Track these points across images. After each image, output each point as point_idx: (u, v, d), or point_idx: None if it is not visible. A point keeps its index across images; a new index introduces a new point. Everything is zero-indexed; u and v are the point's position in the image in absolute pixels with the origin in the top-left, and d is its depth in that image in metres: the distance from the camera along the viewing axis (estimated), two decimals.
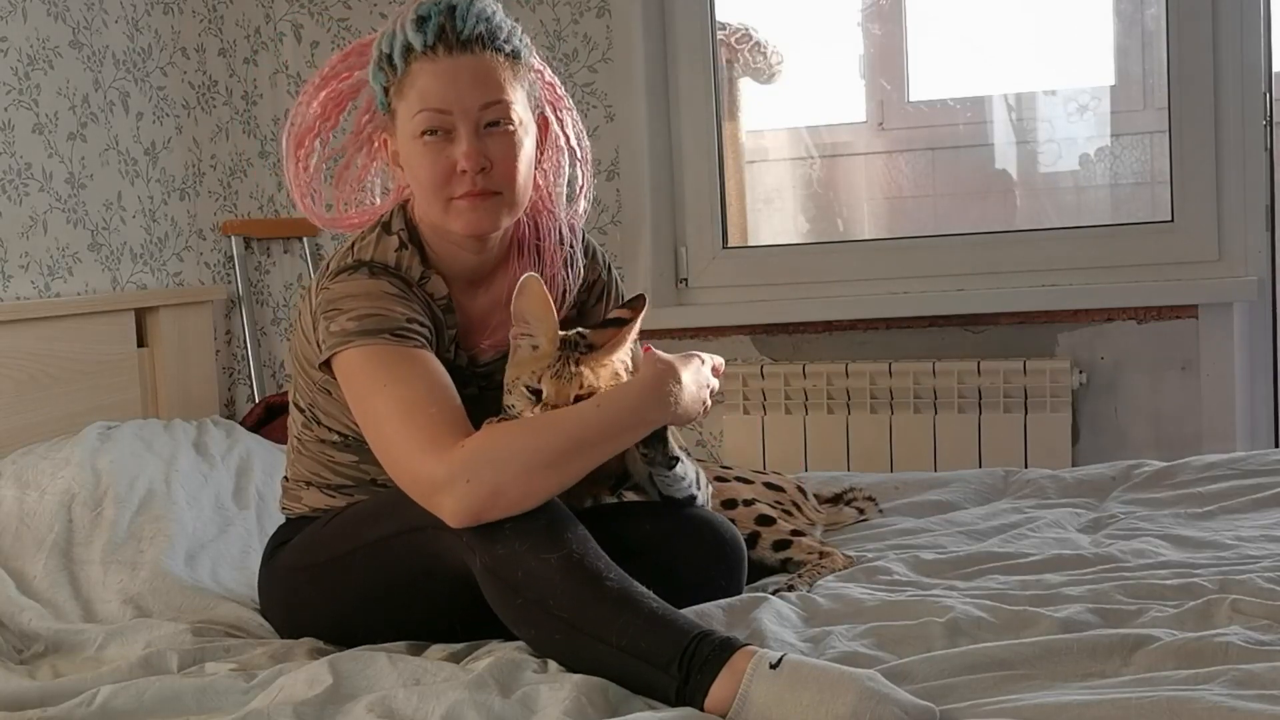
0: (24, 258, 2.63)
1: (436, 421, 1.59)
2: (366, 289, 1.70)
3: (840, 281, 3.00)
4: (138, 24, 2.96)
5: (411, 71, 1.70)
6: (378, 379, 1.63)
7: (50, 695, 1.57)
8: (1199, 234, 2.75)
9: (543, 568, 1.48)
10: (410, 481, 1.59)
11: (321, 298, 1.72)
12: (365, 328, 1.66)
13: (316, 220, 1.90)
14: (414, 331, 1.68)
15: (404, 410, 1.60)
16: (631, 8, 2.98)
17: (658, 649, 1.41)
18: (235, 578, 2.06)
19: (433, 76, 1.70)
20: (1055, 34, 3.11)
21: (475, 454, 1.55)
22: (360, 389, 1.65)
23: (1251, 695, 1.27)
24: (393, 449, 1.61)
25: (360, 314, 1.67)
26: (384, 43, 1.73)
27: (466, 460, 1.54)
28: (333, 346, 1.67)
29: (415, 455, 1.57)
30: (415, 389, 1.62)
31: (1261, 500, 2.10)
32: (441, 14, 1.69)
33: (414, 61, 1.70)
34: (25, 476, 2.19)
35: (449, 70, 1.69)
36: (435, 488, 1.55)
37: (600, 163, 3.01)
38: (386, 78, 1.74)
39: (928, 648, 1.51)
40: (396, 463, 1.61)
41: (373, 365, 1.64)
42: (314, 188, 1.88)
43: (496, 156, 1.71)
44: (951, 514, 2.23)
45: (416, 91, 1.70)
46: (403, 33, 1.70)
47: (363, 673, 1.50)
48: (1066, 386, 2.75)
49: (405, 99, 1.72)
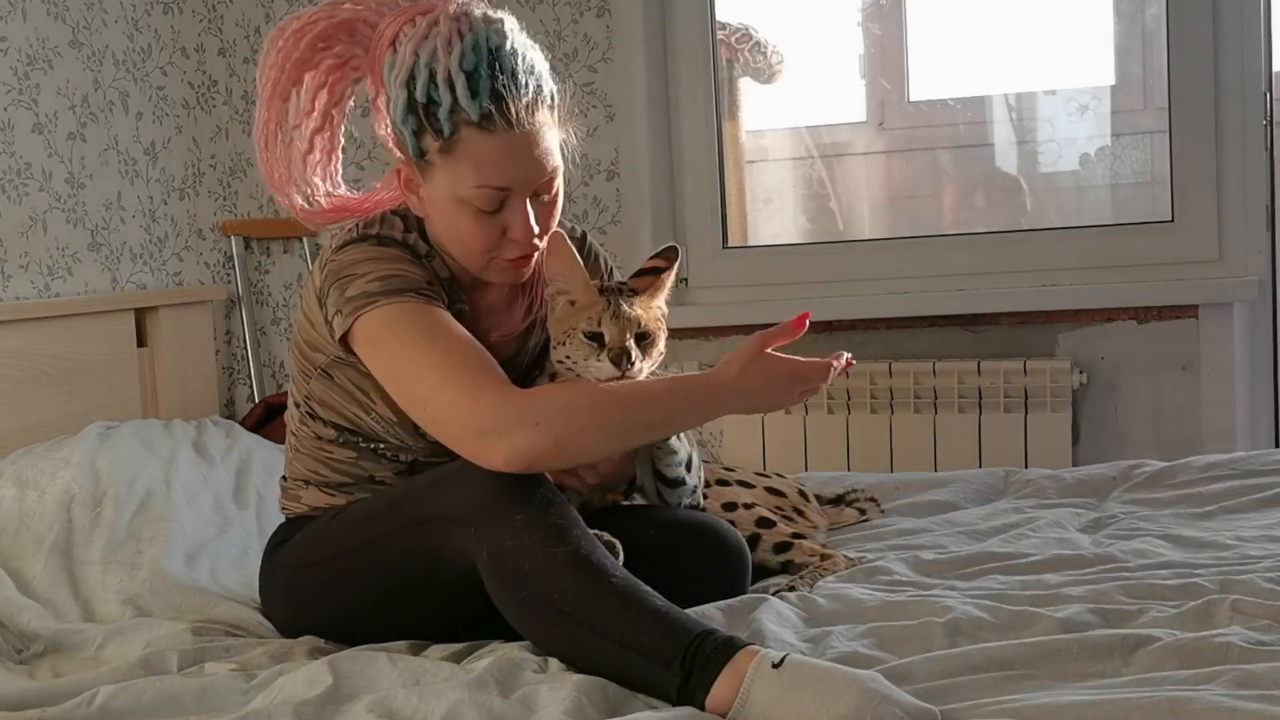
0: (24, 258, 2.63)
1: (487, 367, 1.59)
2: (380, 254, 1.67)
3: (840, 281, 3.00)
4: (137, 24, 2.96)
5: (463, 138, 1.59)
6: (413, 335, 1.60)
7: (50, 695, 1.57)
8: (1199, 234, 2.75)
9: (549, 561, 1.48)
10: (460, 426, 1.56)
11: (329, 269, 1.68)
12: (389, 287, 1.63)
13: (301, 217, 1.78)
14: (436, 293, 1.67)
15: (449, 362, 1.58)
16: (631, 8, 2.97)
17: (660, 646, 1.41)
18: (235, 578, 2.06)
19: (492, 150, 1.60)
20: (1055, 34, 3.11)
21: (547, 401, 1.56)
22: (392, 347, 1.62)
23: (1252, 695, 1.27)
24: (438, 399, 1.58)
25: (380, 275, 1.64)
26: (418, 89, 1.58)
27: (539, 405, 1.55)
28: (354, 310, 1.63)
29: (473, 401, 1.55)
30: (455, 341, 1.61)
31: (1262, 500, 2.10)
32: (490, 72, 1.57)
33: (463, 126, 1.59)
34: (25, 476, 2.19)
35: (508, 148, 1.60)
36: (494, 429, 1.53)
37: (600, 163, 3.02)
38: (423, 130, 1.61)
39: (928, 648, 1.51)
40: (443, 410, 1.58)
41: (406, 322, 1.61)
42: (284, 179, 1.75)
43: (544, 224, 1.69)
44: (952, 514, 2.23)
45: (472, 162, 1.60)
46: (449, 92, 1.57)
47: (363, 673, 1.50)
48: (1067, 386, 2.75)
49: (454, 164, 1.62)
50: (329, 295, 1.67)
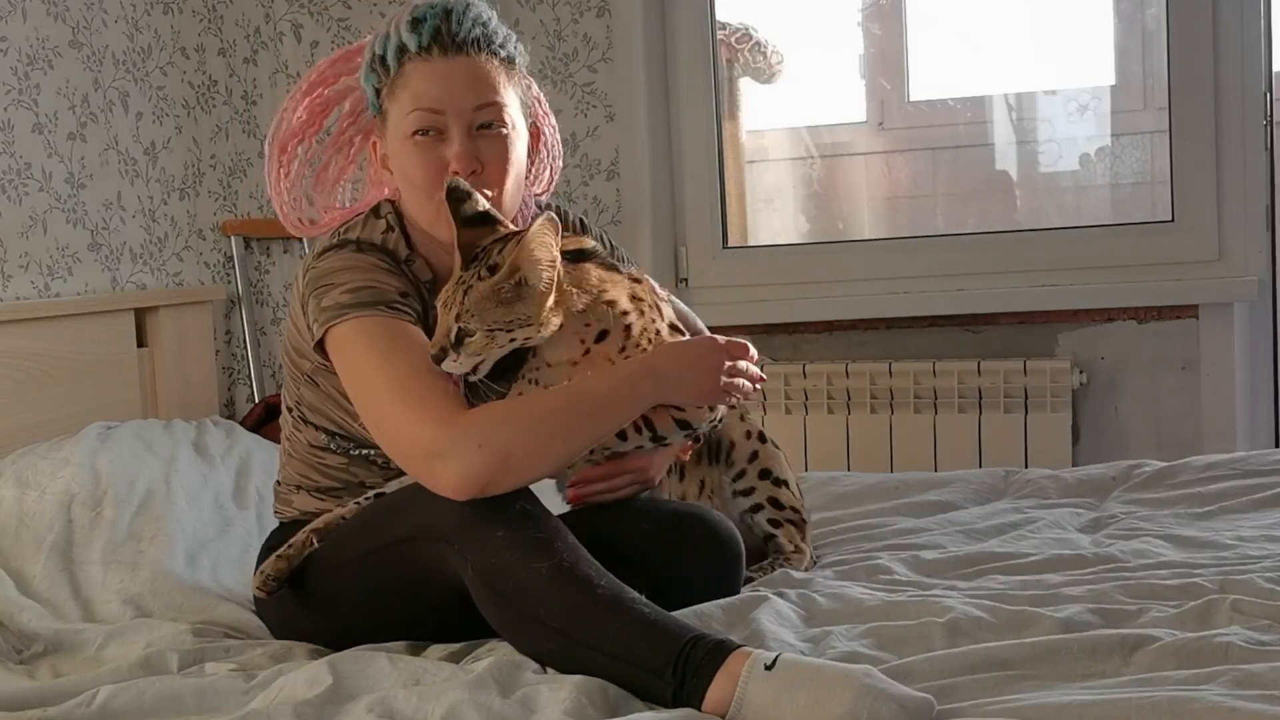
0: (24, 258, 2.63)
1: (437, 392, 1.57)
2: (357, 262, 1.69)
3: (840, 281, 3.00)
4: (137, 24, 2.96)
5: (405, 72, 1.70)
6: (374, 350, 1.61)
7: (50, 695, 1.57)
8: (1199, 234, 2.75)
9: (533, 577, 1.47)
10: (408, 449, 1.56)
11: (309, 276, 1.71)
12: (360, 300, 1.64)
13: (288, 224, 1.91)
14: (408, 306, 1.68)
15: (402, 381, 1.58)
16: (631, 8, 2.97)
17: (651, 655, 1.40)
18: (235, 578, 2.06)
19: (426, 77, 1.69)
20: (1055, 34, 3.11)
21: (486, 420, 1.54)
22: (356, 361, 1.63)
23: (1252, 695, 1.27)
24: (390, 418, 1.58)
25: (353, 287, 1.66)
26: (377, 45, 1.73)
27: (479, 426, 1.52)
28: (326, 321, 1.65)
29: (416, 423, 1.55)
30: (413, 360, 1.60)
31: (1262, 500, 2.10)
32: (437, 17, 1.69)
33: (407, 62, 1.70)
34: (25, 476, 2.19)
35: (443, 71, 1.69)
36: (438, 454, 1.52)
37: (600, 163, 3.02)
38: (379, 78, 1.74)
39: (928, 648, 1.51)
40: (394, 431, 1.58)
41: (369, 337, 1.62)
42: (293, 194, 1.89)
43: (488, 159, 1.70)
44: (951, 514, 2.23)
45: (409, 91, 1.70)
46: (396, 34, 1.71)
47: (363, 673, 1.50)
48: (1067, 386, 2.75)
49: (397, 99, 1.71)
50: (308, 303, 1.70)
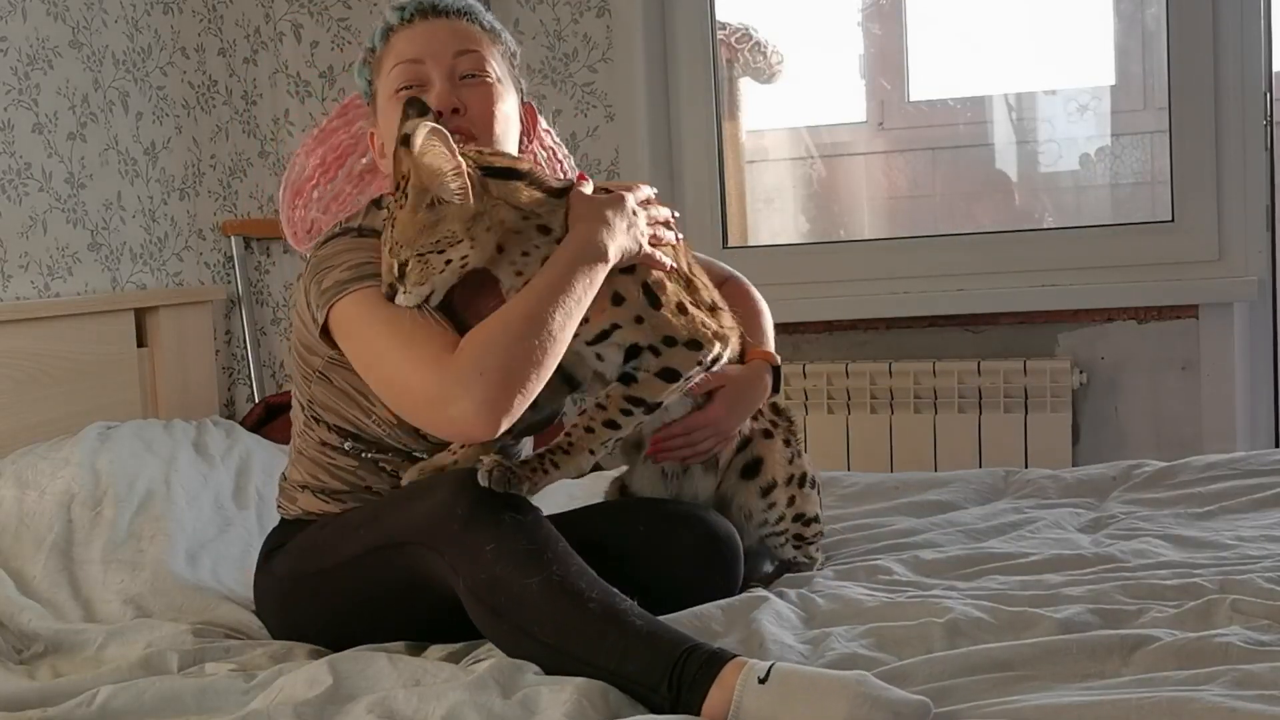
0: (24, 258, 2.63)
1: (435, 339, 1.56)
2: (357, 244, 1.70)
3: (840, 281, 3.00)
4: (137, 24, 2.96)
5: (390, 43, 1.76)
6: (376, 317, 1.60)
7: (50, 695, 1.57)
8: (1199, 234, 2.75)
9: (524, 593, 1.46)
10: (423, 404, 1.55)
11: (311, 264, 1.72)
12: (360, 273, 1.64)
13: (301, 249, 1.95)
14: None
15: (403, 340, 1.57)
16: (631, 8, 2.97)
17: (645, 670, 1.39)
18: (236, 578, 2.06)
19: (408, 39, 1.75)
20: (1055, 34, 3.11)
21: (471, 348, 1.52)
22: (359, 332, 1.63)
23: (1251, 695, 1.27)
24: (399, 378, 1.57)
25: (352, 264, 1.66)
26: (367, 42, 1.80)
27: (469, 355, 1.51)
28: (327, 301, 1.65)
29: (422, 376, 1.54)
30: (412, 320, 1.58)
31: (1262, 500, 2.10)
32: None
33: (392, 35, 1.76)
34: (25, 476, 2.19)
35: (424, 29, 1.75)
36: (448, 398, 1.51)
37: (600, 163, 3.01)
38: (370, 70, 1.79)
39: (927, 649, 1.51)
40: (406, 390, 1.57)
41: (368, 306, 1.62)
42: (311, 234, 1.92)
43: (471, 101, 1.72)
44: (951, 514, 2.23)
45: (392, 55, 1.75)
46: (382, 20, 1.78)
47: (363, 673, 1.50)
48: (1066, 386, 2.75)
49: (383, 70, 1.76)
50: (310, 290, 1.70)
